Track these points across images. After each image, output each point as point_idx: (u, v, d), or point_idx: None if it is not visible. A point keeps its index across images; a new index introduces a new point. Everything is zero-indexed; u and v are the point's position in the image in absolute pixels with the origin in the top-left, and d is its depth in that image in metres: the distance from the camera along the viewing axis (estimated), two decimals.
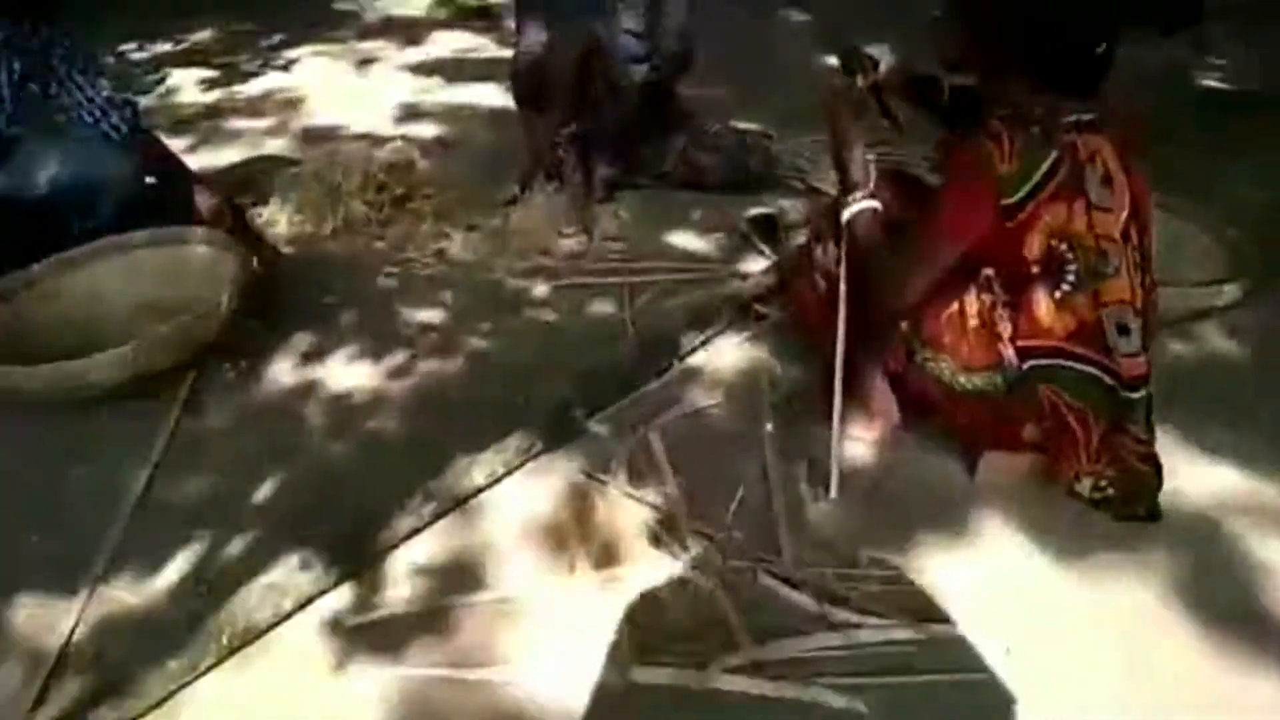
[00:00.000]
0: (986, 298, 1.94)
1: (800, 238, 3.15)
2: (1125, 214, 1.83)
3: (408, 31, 5.80)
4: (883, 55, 2.25)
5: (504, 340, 2.71)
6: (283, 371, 2.59)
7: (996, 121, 1.80)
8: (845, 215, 2.03)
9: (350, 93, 4.71)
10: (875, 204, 2.01)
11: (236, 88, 4.85)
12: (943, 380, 1.99)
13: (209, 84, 4.92)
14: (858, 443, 2.21)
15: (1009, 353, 1.92)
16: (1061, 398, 1.89)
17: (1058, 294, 1.85)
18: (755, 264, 3.06)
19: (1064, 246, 1.83)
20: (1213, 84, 4.69)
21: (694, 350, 2.60)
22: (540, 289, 2.96)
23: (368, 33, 5.85)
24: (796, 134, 3.94)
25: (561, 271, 3.06)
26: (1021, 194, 1.78)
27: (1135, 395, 1.86)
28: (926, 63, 2.12)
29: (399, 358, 2.63)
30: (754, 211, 3.29)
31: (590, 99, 3.43)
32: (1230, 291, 2.47)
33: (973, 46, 1.89)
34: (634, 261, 3.10)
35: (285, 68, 5.14)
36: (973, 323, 1.94)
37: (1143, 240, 1.89)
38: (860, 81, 2.15)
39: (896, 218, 2.05)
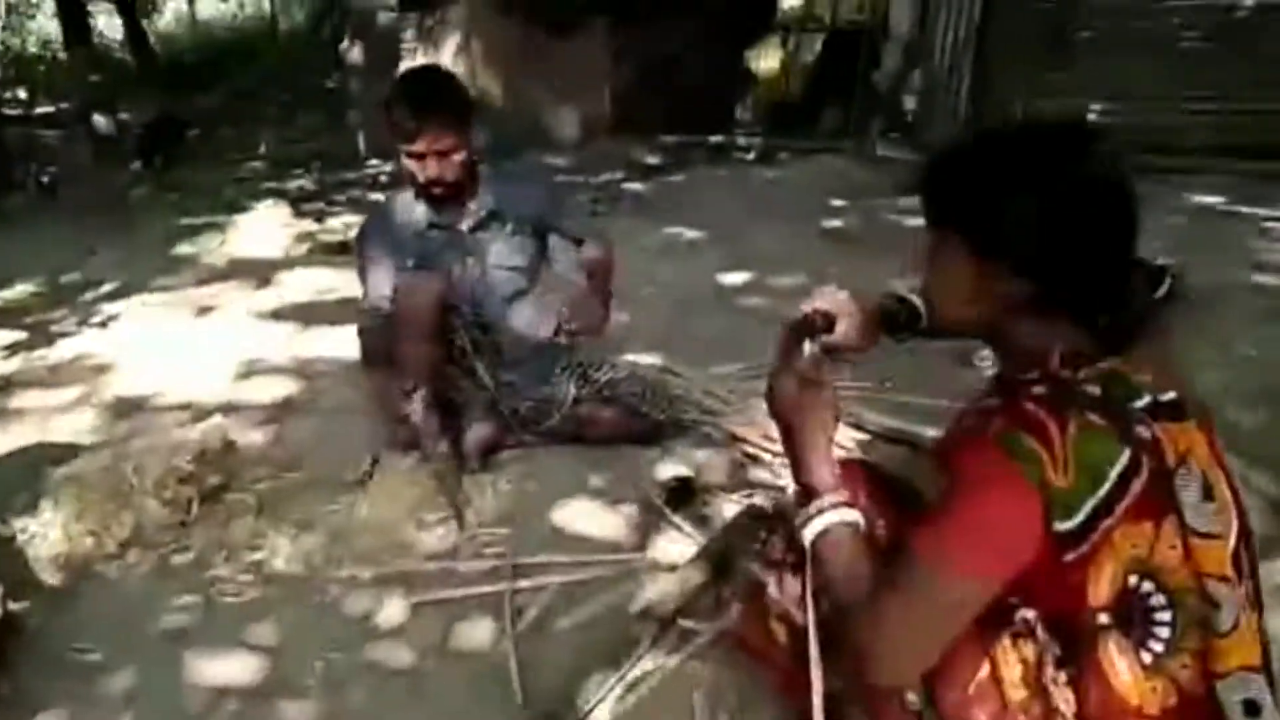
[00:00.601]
0: (1029, 649, 1.28)
1: (726, 509, 2.51)
2: (1234, 539, 1.23)
3: (257, 273, 5.16)
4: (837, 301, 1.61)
5: (335, 710, 1.92)
6: None
7: (1032, 403, 1.19)
8: (807, 535, 1.37)
9: (177, 351, 3.98)
10: (854, 516, 1.36)
11: (40, 352, 4.08)
12: None
13: (10, 350, 4.14)
14: None
15: None
16: None
17: (1145, 656, 1.22)
18: (676, 547, 2.37)
19: (1147, 585, 1.21)
20: None
21: (602, 700, 1.85)
22: (393, 610, 2.20)
23: (211, 277, 5.19)
24: (706, 366, 3.36)
25: (423, 580, 2.31)
26: (1083, 516, 1.16)
27: None
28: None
29: None
30: (667, 475, 2.64)
31: (452, 351, 2.82)
32: None
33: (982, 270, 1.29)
34: (518, 557, 2.37)
35: (104, 324, 4.41)
36: (1017, 693, 1.28)
37: (1255, 575, 1.27)
38: (811, 348, 1.48)
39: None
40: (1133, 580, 1.20)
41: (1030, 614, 1.27)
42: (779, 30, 10.22)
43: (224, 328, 4.30)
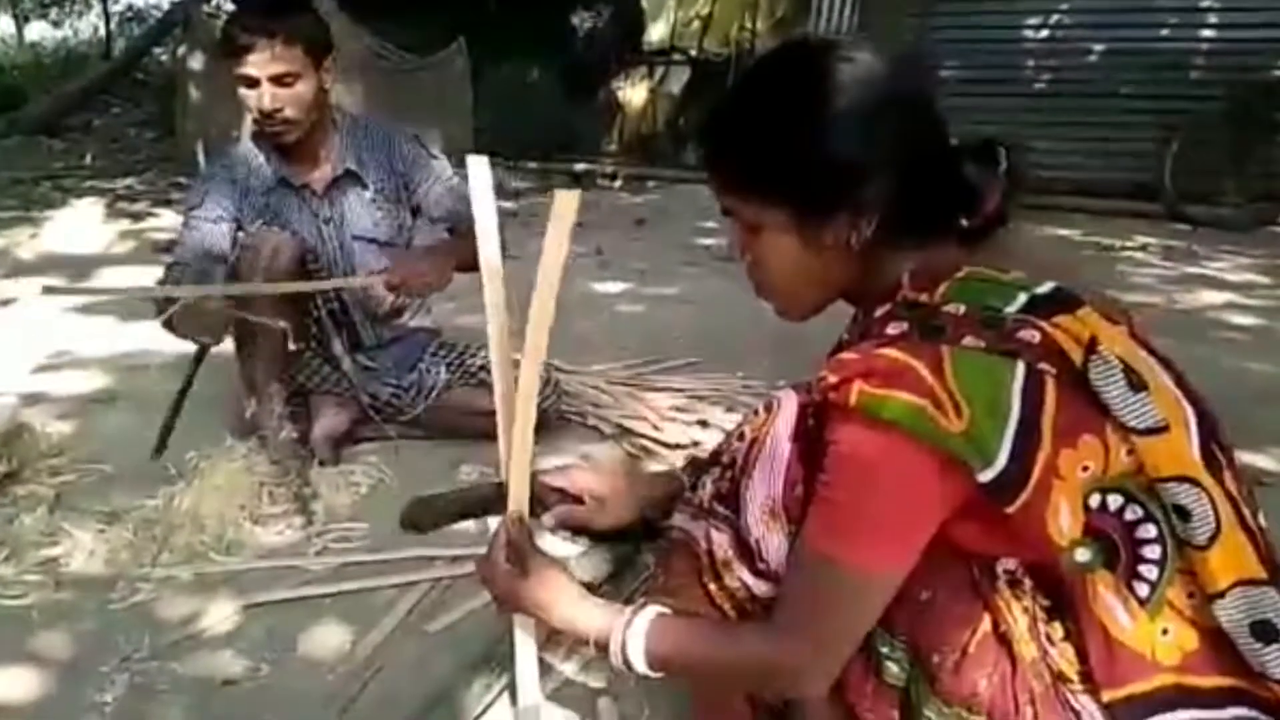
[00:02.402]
0: (1027, 600, 1.04)
1: None
2: (1193, 431, 0.99)
3: (72, 268, 4.57)
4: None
5: None
6: None
7: (889, 346, 0.98)
8: (638, 666, 1.11)
9: None
10: (646, 616, 1.12)
11: None
12: None
13: None
14: None
15: (1089, 708, 1.00)
16: None
17: (1141, 589, 0.98)
18: (564, 545, 2.04)
19: (1115, 499, 0.98)
20: None
21: (490, 706, 1.51)
22: (220, 614, 1.79)
23: (17, 271, 4.57)
24: (587, 365, 3.08)
25: (258, 581, 1.91)
26: (1005, 456, 0.93)
27: None
28: None
29: None
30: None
31: (306, 326, 2.43)
32: None
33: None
34: (375, 555, 2.00)
35: None
36: (1028, 650, 1.02)
37: (1233, 467, 1.02)
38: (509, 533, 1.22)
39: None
40: (1095, 499, 0.97)
41: (1011, 564, 1.03)
42: (646, 62, 10.14)
43: (29, 320, 3.73)
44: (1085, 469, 0.96)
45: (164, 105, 10.05)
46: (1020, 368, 0.94)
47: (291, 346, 2.19)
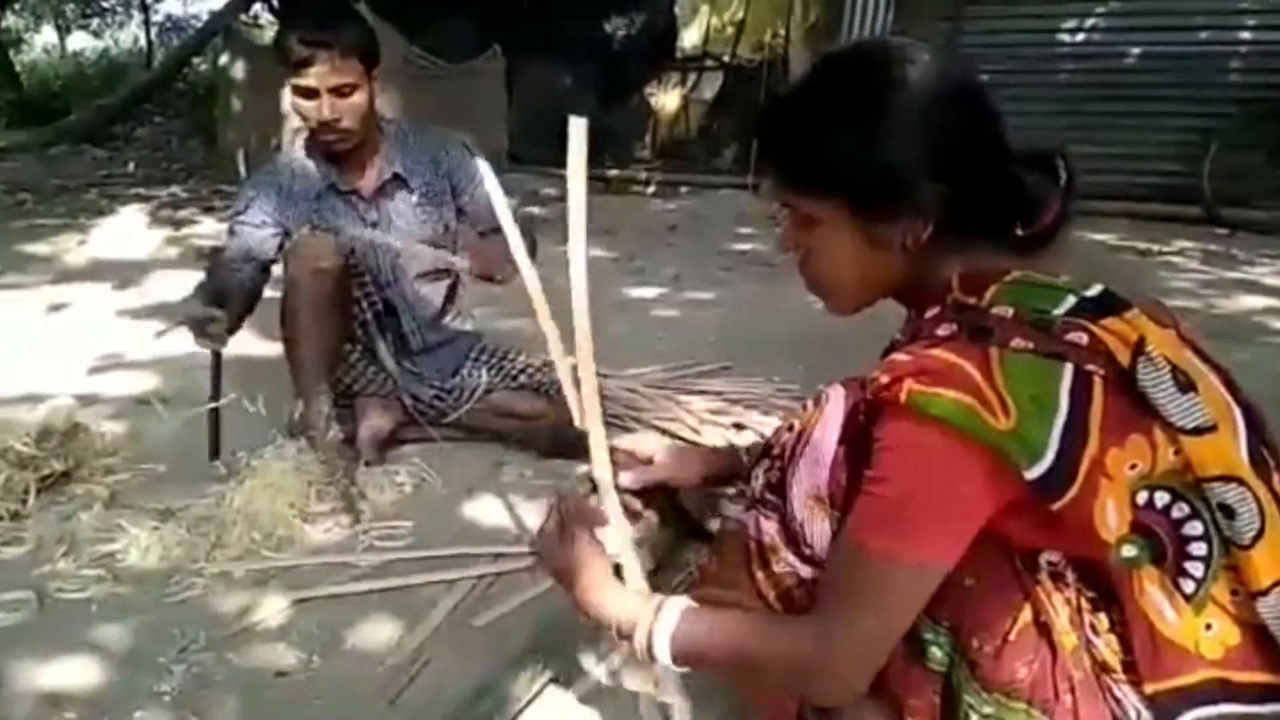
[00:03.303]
0: (1069, 591, 1.06)
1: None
2: (1241, 432, 1.01)
3: (119, 273, 4.68)
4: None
5: (202, 713, 1.56)
6: None
7: (939, 347, 1.01)
8: (661, 656, 1.15)
9: (25, 345, 3.51)
10: (678, 604, 1.16)
11: None
12: None
13: None
14: None
15: (1130, 698, 1.02)
16: None
17: (1187, 585, 1.00)
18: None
19: (1163, 497, 1.00)
20: None
21: (534, 699, 1.54)
22: (272, 607, 1.84)
23: (67, 277, 4.68)
24: (622, 369, 3.12)
25: (307, 576, 1.96)
26: (1052, 453, 0.95)
27: None
28: None
29: None
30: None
31: (353, 330, 2.49)
32: None
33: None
34: (423, 551, 2.05)
35: None
36: (1069, 640, 1.05)
37: (1278, 456, 1.05)
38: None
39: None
40: (1143, 496, 0.99)
41: (1055, 556, 1.06)
42: (679, 68, 10.20)
43: (80, 324, 3.83)
44: (1133, 468, 0.98)
45: (204, 114, 10.25)
46: (1068, 369, 0.96)
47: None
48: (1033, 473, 0.95)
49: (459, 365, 2.64)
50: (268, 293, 2.50)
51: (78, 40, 21.83)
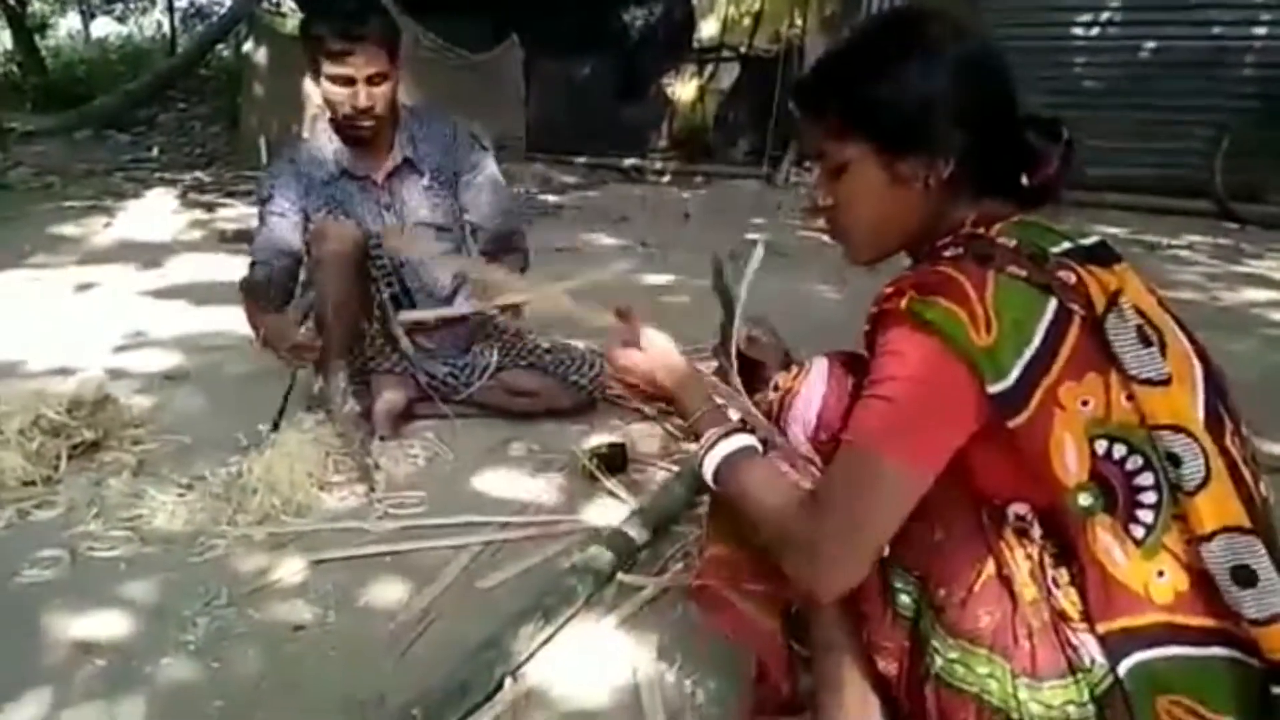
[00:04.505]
0: (1031, 546, 1.14)
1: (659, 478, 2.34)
2: (1200, 381, 1.10)
3: (145, 255, 4.80)
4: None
5: (220, 664, 1.66)
6: None
7: (945, 264, 1.11)
8: (708, 472, 1.25)
9: (54, 323, 3.63)
10: (747, 440, 1.25)
11: None
12: (988, 700, 1.13)
13: None
14: None
15: (1088, 645, 1.09)
16: (1198, 712, 1.06)
17: (1137, 531, 1.07)
18: (609, 513, 2.18)
19: (1119, 449, 1.07)
20: None
21: (535, 653, 1.64)
22: (290, 568, 1.95)
23: (94, 258, 4.80)
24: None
25: (325, 541, 2.06)
26: (1017, 373, 1.04)
27: None
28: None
29: (38, 703, 1.54)
30: (596, 442, 2.45)
31: (370, 309, 2.59)
32: None
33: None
34: (433, 519, 2.15)
35: None
36: (1028, 591, 1.13)
37: (1238, 423, 1.13)
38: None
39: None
40: (1101, 445, 1.07)
41: (1023, 509, 1.14)
42: (696, 58, 10.25)
43: (107, 303, 3.95)
44: (1085, 403, 1.06)
45: (227, 100, 10.37)
46: (1053, 303, 1.06)
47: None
48: (994, 388, 1.04)
49: (470, 343, 2.74)
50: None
51: (101, 26, 22.04)
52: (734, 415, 1.32)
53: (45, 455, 2.27)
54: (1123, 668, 1.07)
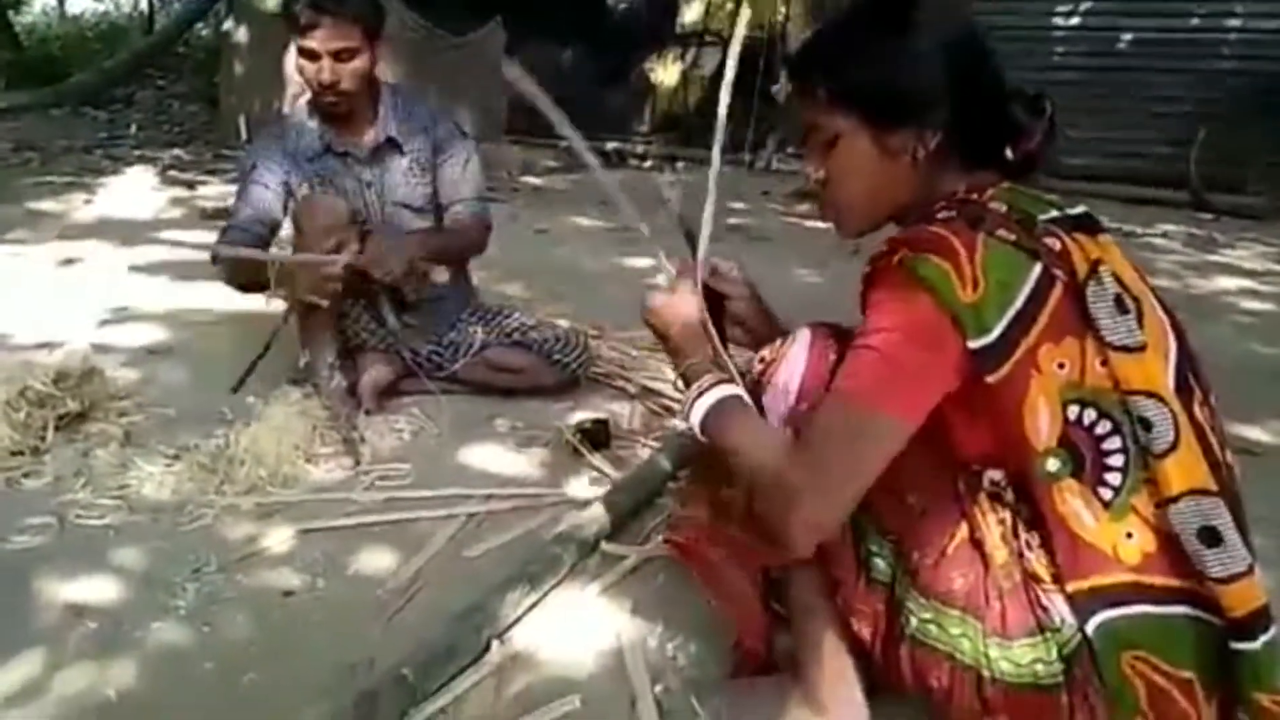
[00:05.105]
0: (1004, 511, 1.19)
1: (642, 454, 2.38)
2: (1173, 352, 1.16)
3: (126, 231, 4.79)
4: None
5: (210, 628, 1.69)
6: None
7: (937, 225, 1.16)
8: (695, 419, 1.30)
9: (37, 297, 3.63)
10: (734, 390, 1.30)
11: None
12: (960, 659, 1.18)
13: None
14: None
15: (1058, 605, 1.15)
16: (1160, 668, 1.12)
17: (1105, 493, 1.13)
18: (592, 487, 2.22)
19: (1090, 414, 1.13)
20: None
21: (521, 618, 1.68)
22: (278, 537, 1.97)
23: (75, 233, 4.79)
24: (616, 330, 3.24)
25: (311, 511, 2.09)
26: (998, 330, 1.10)
27: (1252, 646, 1.09)
28: None
29: (32, 663, 1.57)
30: (580, 418, 2.48)
31: (354, 284, 2.60)
32: None
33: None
34: (419, 491, 2.18)
35: None
36: (999, 554, 1.19)
37: (1206, 394, 1.19)
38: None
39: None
40: (1073, 411, 1.12)
41: (998, 474, 1.20)
42: (679, 43, 10.26)
43: (89, 278, 3.94)
44: (1061, 366, 1.11)
45: (205, 79, 10.30)
46: (1037, 267, 1.11)
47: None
48: (976, 343, 1.09)
49: (455, 321, 2.76)
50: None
51: (77, 3, 21.77)
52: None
53: (32, 425, 2.28)
54: (1090, 626, 1.13)
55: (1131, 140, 7.06)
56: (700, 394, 1.29)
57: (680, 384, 1.37)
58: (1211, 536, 1.10)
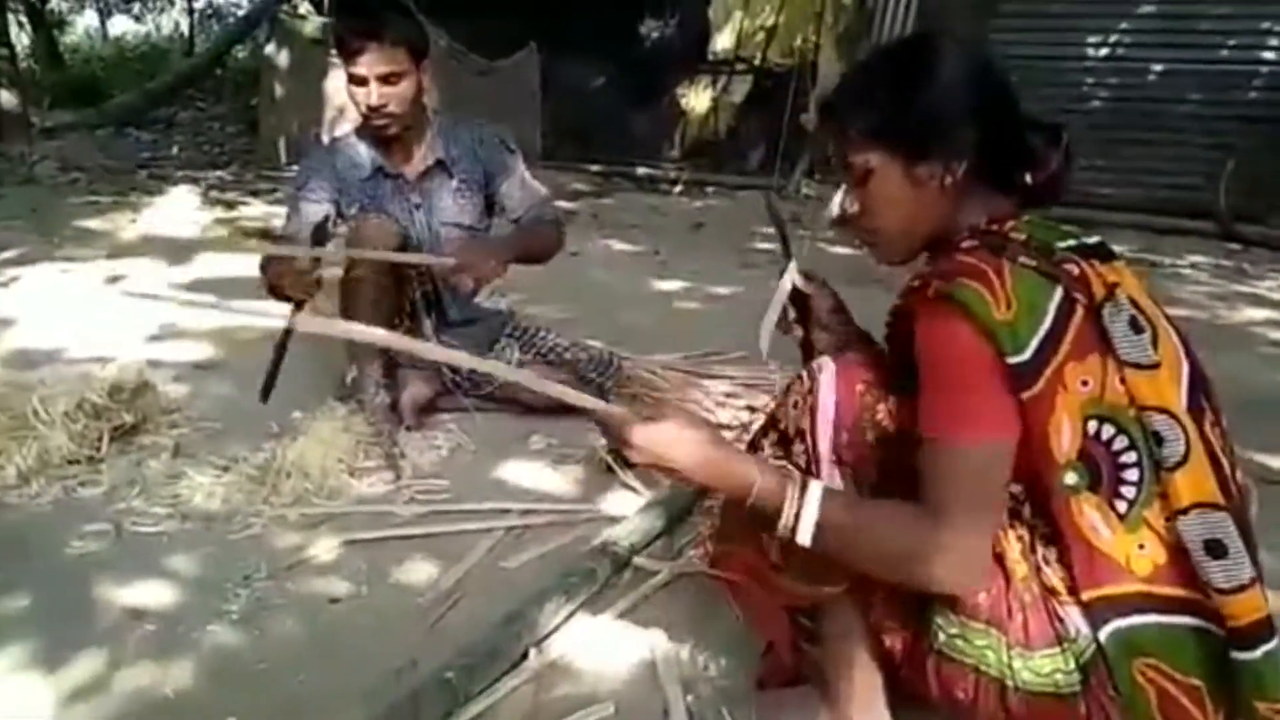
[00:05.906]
0: (1022, 527, 1.26)
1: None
2: (1185, 374, 1.21)
3: (172, 250, 4.93)
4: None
5: (260, 632, 1.77)
6: None
7: (964, 254, 1.23)
8: (804, 538, 1.21)
9: (89, 313, 3.76)
10: (819, 488, 1.23)
11: None
12: (985, 671, 1.23)
13: None
14: None
15: (1073, 616, 1.20)
16: (1171, 676, 1.17)
17: (1120, 505, 1.19)
18: (625, 503, 2.28)
19: (1108, 429, 1.18)
20: None
21: (558, 628, 1.75)
22: (324, 546, 2.06)
23: (123, 252, 4.93)
24: (648, 354, 3.31)
25: (355, 523, 2.17)
26: (1032, 349, 1.15)
27: (1252, 656, 1.14)
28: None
29: (95, 662, 1.66)
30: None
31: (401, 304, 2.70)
32: None
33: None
34: (459, 504, 2.26)
35: (5, 285, 4.13)
36: (1020, 568, 1.24)
37: (1218, 416, 1.24)
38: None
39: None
40: (1093, 426, 1.18)
41: (1016, 489, 1.25)
42: (710, 70, 10.38)
43: (138, 295, 4.07)
44: (1085, 384, 1.17)
45: (245, 101, 10.52)
46: (1059, 290, 1.18)
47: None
48: (1013, 360, 1.14)
49: (493, 341, 2.85)
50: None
51: (118, 24, 22.28)
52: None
53: (89, 436, 2.38)
54: (1103, 634, 1.18)
55: (1161, 170, 7.08)
56: (796, 516, 1.21)
57: (753, 505, 1.23)
58: (1218, 548, 1.15)
